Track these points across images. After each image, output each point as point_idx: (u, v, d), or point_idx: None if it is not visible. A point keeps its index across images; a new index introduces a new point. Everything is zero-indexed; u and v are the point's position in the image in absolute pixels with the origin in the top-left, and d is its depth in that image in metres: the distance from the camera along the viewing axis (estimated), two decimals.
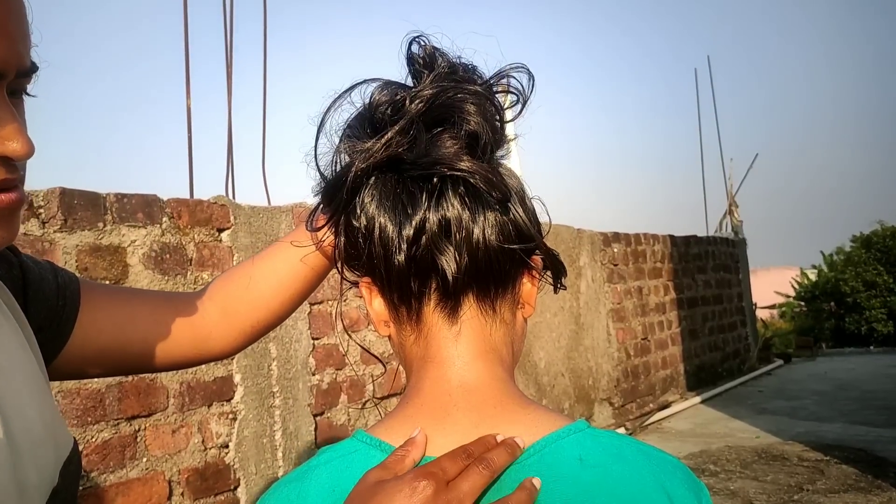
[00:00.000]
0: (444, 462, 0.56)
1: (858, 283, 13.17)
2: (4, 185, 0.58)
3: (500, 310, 0.66)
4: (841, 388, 6.78)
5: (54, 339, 0.76)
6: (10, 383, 0.64)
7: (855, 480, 3.99)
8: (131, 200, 2.45)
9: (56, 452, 0.67)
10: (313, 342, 3.09)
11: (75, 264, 2.25)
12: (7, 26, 0.54)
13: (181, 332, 0.85)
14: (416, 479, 0.54)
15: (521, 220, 0.64)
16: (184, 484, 2.48)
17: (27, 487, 0.61)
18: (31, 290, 0.74)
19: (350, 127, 0.65)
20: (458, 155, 0.61)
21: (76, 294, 0.78)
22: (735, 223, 8.93)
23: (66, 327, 0.76)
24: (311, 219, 0.75)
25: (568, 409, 4.89)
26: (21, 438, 0.62)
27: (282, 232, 2.98)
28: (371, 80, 0.65)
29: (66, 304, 0.77)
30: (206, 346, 0.88)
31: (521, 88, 0.66)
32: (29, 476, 0.62)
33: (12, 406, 0.62)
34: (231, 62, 3.81)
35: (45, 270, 0.77)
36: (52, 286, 0.76)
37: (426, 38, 0.65)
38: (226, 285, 0.91)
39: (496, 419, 0.62)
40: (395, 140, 0.61)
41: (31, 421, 0.64)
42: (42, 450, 0.65)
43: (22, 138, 0.57)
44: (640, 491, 0.57)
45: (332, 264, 0.73)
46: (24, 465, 0.61)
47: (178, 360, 0.88)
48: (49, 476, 0.65)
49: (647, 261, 6.23)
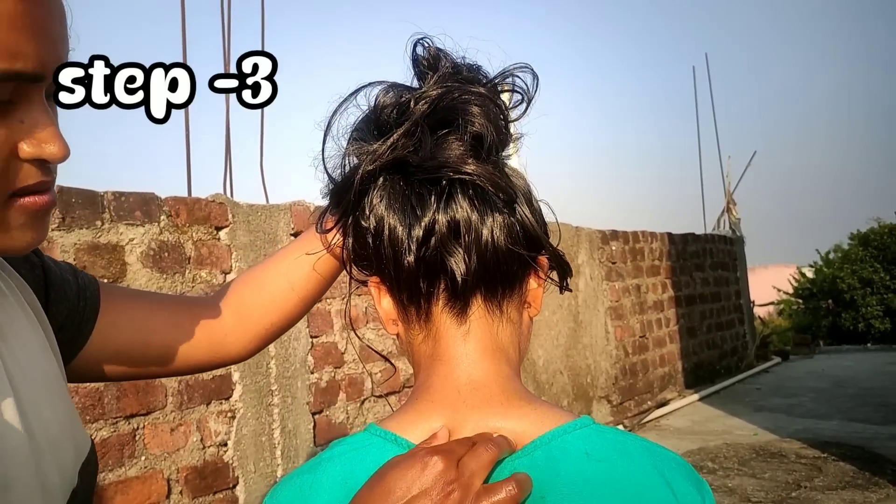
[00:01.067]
0: (453, 444, 0.58)
1: (855, 280, 13.19)
2: (40, 187, 0.58)
3: (507, 310, 0.67)
4: (838, 385, 6.79)
5: (74, 340, 0.76)
6: (31, 385, 0.64)
7: (852, 477, 4.00)
8: (129, 199, 2.44)
9: (75, 453, 0.68)
10: (312, 340, 3.09)
11: (73, 263, 2.24)
12: (49, 28, 0.55)
13: (198, 336, 0.86)
14: (427, 455, 0.56)
15: (528, 221, 0.65)
16: (182, 482, 2.48)
17: (50, 488, 0.62)
18: (53, 291, 0.74)
19: (357, 129, 0.66)
20: (463, 158, 0.61)
21: (96, 295, 0.79)
22: (733, 221, 8.95)
23: (85, 327, 0.77)
24: (320, 221, 0.76)
25: (566, 406, 4.90)
26: (41, 439, 0.63)
27: (280, 230, 2.98)
28: (376, 83, 0.66)
29: (86, 305, 0.77)
30: (222, 350, 0.88)
31: (526, 88, 0.66)
32: (51, 476, 0.63)
33: (32, 408, 0.63)
34: (228, 60, 3.81)
35: (65, 272, 0.78)
36: (73, 287, 0.77)
37: (430, 40, 0.66)
38: (239, 289, 0.91)
39: (503, 415, 0.63)
40: (401, 142, 0.62)
41: (50, 422, 0.65)
42: (62, 451, 0.65)
43: (59, 142, 0.57)
44: (644, 485, 0.58)
45: (343, 265, 0.73)
46: (46, 465, 0.62)
47: (195, 364, 0.88)
48: (69, 477, 0.66)
49: (645, 259, 6.24)
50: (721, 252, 7.97)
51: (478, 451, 0.57)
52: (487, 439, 0.60)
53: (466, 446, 0.58)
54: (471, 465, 0.56)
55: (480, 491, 0.56)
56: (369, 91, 0.66)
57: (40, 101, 0.56)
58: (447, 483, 0.55)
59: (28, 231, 0.59)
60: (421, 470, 0.55)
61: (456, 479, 0.55)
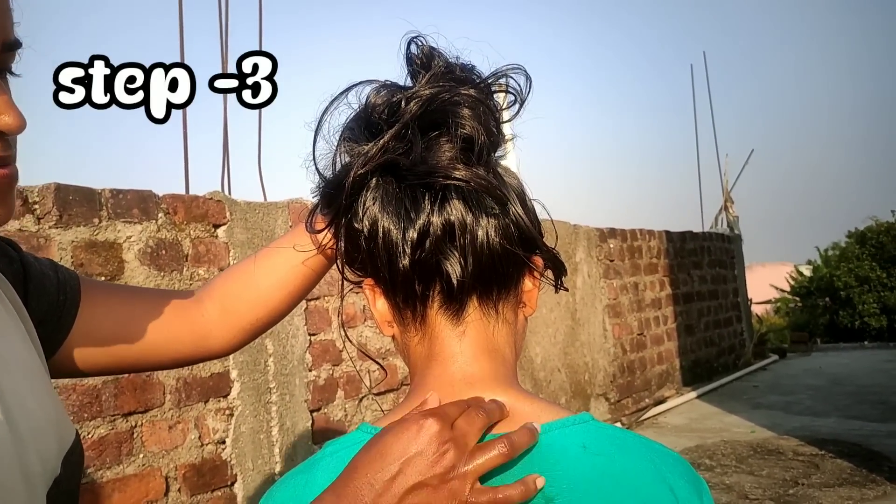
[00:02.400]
0: (447, 406, 0.60)
1: (852, 278, 13.21)
2: (2, 161, 0.58)
3: (502, 310, 0.67)
4: (835, 382, 6.80)
5: (55, 333, 0.76)
6: (11, 375, 0.64)
7: (850, 475, 4.01)
8: (126, 196, 2.44)
9: (59, 443, 0.68)
10: (310, 338, 3.09)
11: (71, 260, 2.24)
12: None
13: (181, 329, 0.86)
14: (422, 417, 0.58)
15: (522, 221, 0.65)
16: (181, 480, 2.48)
17: (30, 475, 0.62)
18: (32, 285, 0.74)
19: (348, 129, 0.66)
20: (453, 163, 0.61)
21: (76, 289, 0.79)
22: (730, 219, 8.95)
23: (66, 321, 0.77)
24: (310, 220, 0.75)
25: (564, 404, 4.91)
26: (23, 428, 0.63)
27: (278, 227, 2.98)
28: (367, 82, 0.66)
29: (66, 299, 0.77)
30: (205, 344, 0.88)
31: (519, 89, 0.66)
32: (32, 465, 0.62)
33: (13, 397, 0.63)
34: (226, 56, 3.80)
35: (45, 266, 0.78)
36: (53, 281, 0.77)
37: (424, 39, 0.65)
38: (226, 283, 0.91)
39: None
40: (392, 145, 0.62)
41: (31, 411, 0.65)
42: (44, 440, 0.65)
43: (13, 112, 0.57)
44: (642, 480, 0.59)
45: (333, 264, 0.73)
46: (27, 453, 0.62)
47: (178, 358, 0.88)
48: (52, 466, 0.66)
49: (642, 256, 6.24)
50: (719, 250, 7.98)
51: (471, 414, 0.59)
52: (480, 403, 0.61)
53: (461, 408, 0.60)
54: (464, 425, 0.58)
55: (474, 449, 0.57)
56: (360, 90, 0.66)
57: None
58: (442, 443, 0.56)
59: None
60: (416, 432, 0.56)
61: (451, 439, 0.56)
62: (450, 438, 0.56)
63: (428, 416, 0.57)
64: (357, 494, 0.56)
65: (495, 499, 0.56)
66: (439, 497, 0.56)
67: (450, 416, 0.58)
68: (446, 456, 0.56)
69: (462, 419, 0.58)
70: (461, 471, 0.56)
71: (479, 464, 0.57)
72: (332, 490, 0.57)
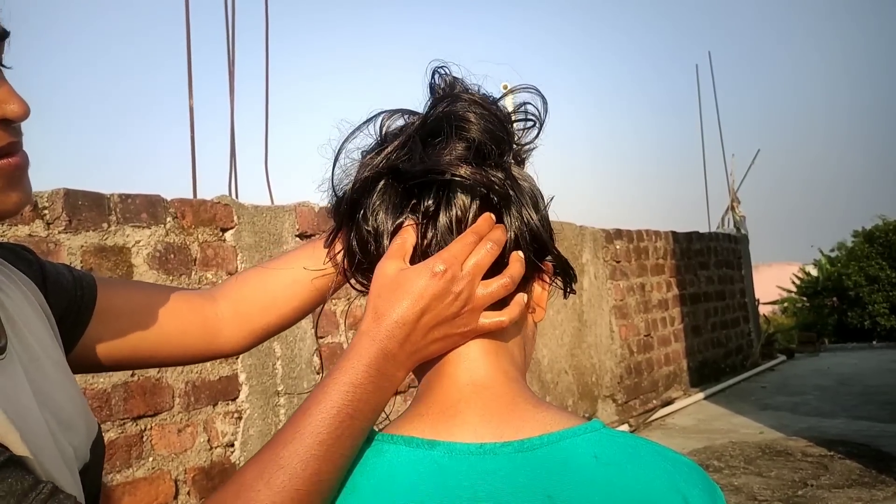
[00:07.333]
0: (454, 246, 0.63)
1: (861, 277, 13.13)
2: (10, 149, 0.60)
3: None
4: (844, 383, 6.77)
5: (74, 328, 0.78)
6: (43, 368, 0.68)
7: (859, 475, 4.00)
8: (135, 201, 2.45)
9: (87, 432, 0.71)
10: (318, 341, 3.10)
11: (80, 265, 2.25)
12: None
13: (194, 322, 0.87)
14: (433, 263, 0.61)
15: (534, 225, 0.65)
16: (190, 483, 2.49)
17: (67, 461, 0.65)
18: (49, 283, 0.77)
19: (365, 152, 0.68)
20: (455, 162, 0.62)
21: (92, 285, 0.81)
22: (737, 219, 8.92)
23: (84, 315, 0.79)
24: (329, 239, 0.77)
25: (571, 405, 4.90)
26: (56, 420, 0.66)
27: (285, 231, 2.99)
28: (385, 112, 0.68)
29: (83, 294, 0.80)
30: (215, 342, 0.90)
31: (538, 114, 0.68)
32: (66, 451, 0.65)
33: (45, 389, 0.66)
34: (234, 60, 3.82)
35: (60, 267, 0.81)
36: (69, 279, 0.80)
37: (447, 69, 0.68)
38: (241, 286, 0.92)
39: (506, 416, 0.62)
40: (395, 154, 0.64)
41: (61, 402, 0.68)
42: (74, 429, 0.68)
43: (17, 99, 0.59)
44: (654, 491, 0.58)
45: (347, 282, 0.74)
46: (61, 442, 0.65)
47: (189, 354, 0.90)
48: (82, 453, 0.69)
49: (649, 257, 6.23)
50: (725, 250, 7.95)
51: (479, 251, 0.63)
52: (486, 240, 0.63)
53: (469, 246, 0.63)
54: (470, 262, 0.63)
55: (481, 286, 0.63)
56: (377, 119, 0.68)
57: None
58: (454, 281, 0.62)
59: (11, 193, 0.61)
60: (429, 278, 0.61)
61: (462, 278, 0.62)
62: (461, 277, 0.62)
63: (439, 262, 0.62)
64: (390, 336, 0.62)
65: (497, 322, 0.64)
66: (455, 326, 0.63)
67: (459, 258, 0.62)
68: (460, 296, 0.62)
69: (471, 256, 0.63)
70: (473, 305, 0.63)
71: (488, 293, 0.63)
72: (365, 334, 0.62)
